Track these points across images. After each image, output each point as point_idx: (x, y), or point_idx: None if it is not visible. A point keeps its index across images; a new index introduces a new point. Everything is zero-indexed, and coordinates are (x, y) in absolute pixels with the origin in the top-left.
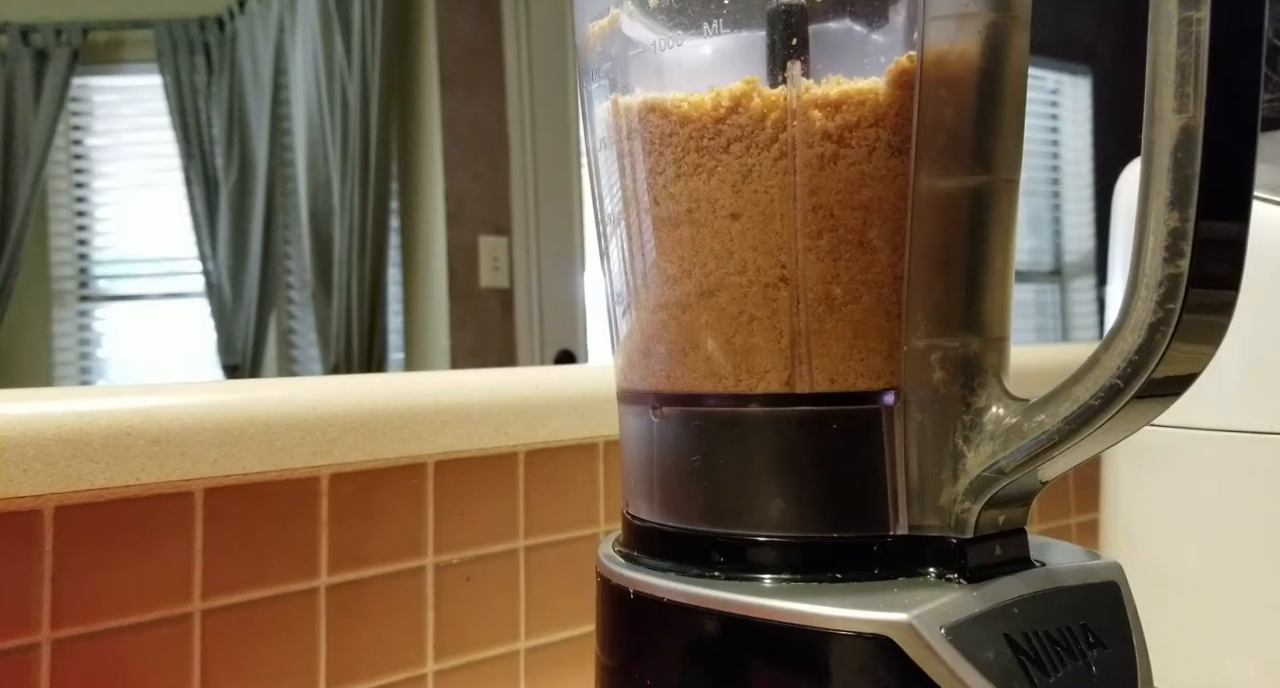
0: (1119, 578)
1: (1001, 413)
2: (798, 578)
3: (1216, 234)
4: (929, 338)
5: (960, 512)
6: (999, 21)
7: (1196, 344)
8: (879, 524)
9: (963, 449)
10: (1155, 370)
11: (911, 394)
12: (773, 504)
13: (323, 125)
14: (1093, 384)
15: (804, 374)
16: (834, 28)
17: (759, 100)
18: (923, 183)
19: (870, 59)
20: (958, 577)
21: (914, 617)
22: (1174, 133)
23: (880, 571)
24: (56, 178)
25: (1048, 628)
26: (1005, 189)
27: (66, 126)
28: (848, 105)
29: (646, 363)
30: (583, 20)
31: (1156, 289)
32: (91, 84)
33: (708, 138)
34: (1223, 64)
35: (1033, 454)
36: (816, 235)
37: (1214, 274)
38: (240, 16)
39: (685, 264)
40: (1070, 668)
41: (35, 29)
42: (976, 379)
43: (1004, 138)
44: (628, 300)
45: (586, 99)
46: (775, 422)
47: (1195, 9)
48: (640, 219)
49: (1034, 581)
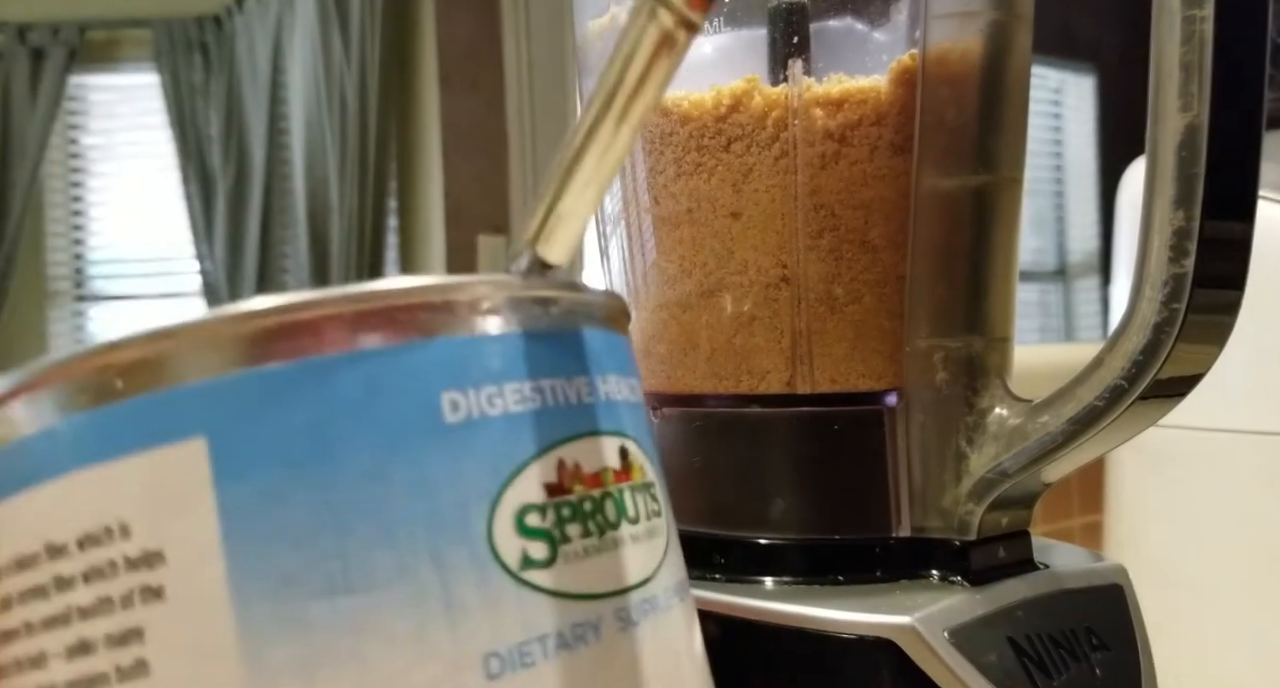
0: (1123, 580)
1: (1005, 414)
2: (799, 580)
3: (1221, 233)
4: (931, 338)
5: (963, 514)
6: (1001, 20)
7: (1201, 344)
8: (881, 526)
9: (966, 450)
10: (1160, 371)
11: (914, 395)
12: (774, 506)
13: (321, 124)
14: (1097, 385)
15: (805, 375)
16: (835, 26)
17: (760, 99)
18: (925, 182)
19: (872, 57)
20: (960, 579)
21: (917, 619)
22: (1178, 132)
23: (882, 573)
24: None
25: (1051, 631)
26: (1008, 188)
27: (63, 125)
28: (849, 104)
29: (646, 363)
30: (582, 19)
31: (1161, 289)
32: (88, 83)
33: (708, 137)
34: (1227, 63)
35: (1036, 456)
36: (818, 235)
37: (1219, 274)
38: (238, 15)
39: (685, 264)
40: (1074, 671)
41: (32, 27)
42: (979, 380)
43: (1007, 136)
44: (628, 300)
45: (586, 98)
46: (776, 423)
47: (1199, 8)
48: (640, 218)
49: (1037, 583)
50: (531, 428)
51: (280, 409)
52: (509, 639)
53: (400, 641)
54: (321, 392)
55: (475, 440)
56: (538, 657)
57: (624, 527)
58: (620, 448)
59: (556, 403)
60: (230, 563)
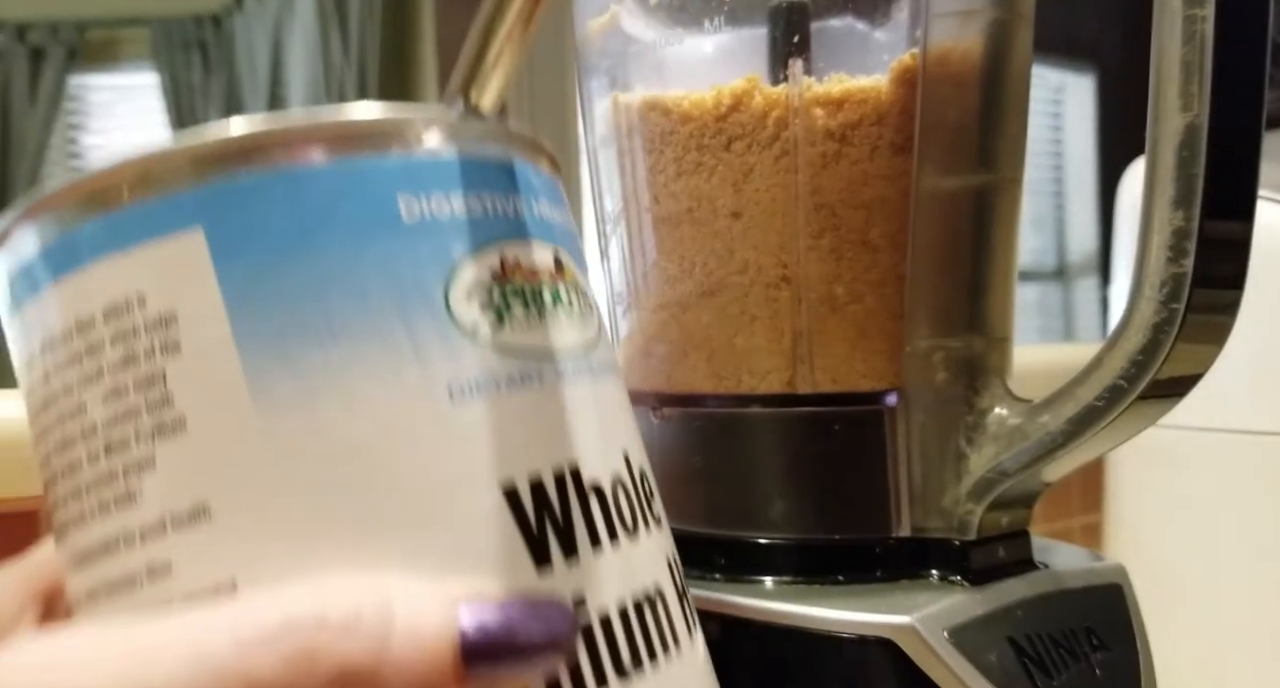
0: (1122, 580)
1: (1005, 414)
2: (799, 580)
3: (1221, 233)
4: (932, 338)
5: (963, 513)
6: (1002, 19)
7: (1201, 344)
8: (881, 526)
9: (965, 450)
10: (1159, 371)
11: (914, 395)
12: (774, 506)
13: None
14: (1096, 385)
15: (806, 375)
16: (836, 25)
17: (760, 98)
18: (925, 182)
19: (872, 57)
20: (960, 579)
21: (917, 619)
22: (1178, 132)
23: (882, 573)
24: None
25: (1051, 630)
26: (1008, 188)
27: (63, 125)
28: (850, 103)
29: (647, 363)
30: (583, 18)
31: (1160, 289)
32: (88, 83)
33: (709, 136)
34: (1227, 63)
35: (1036, 456)
36: (818, 235)
37: (1218, 274)
38: (237, 15)
39: (686, 263)
40: (1073, 670)
41: (31, 27)
42: (979, 380)
43: (1007, 136)
44: (628, 300)
45: (586, 97)
46: (777, 423)
47: (1200, 7)
48: (640, 218)
49: (1037, 583)
50: (476, 227)
51: (263, 207)
52: (466, 377)
53: (379, 376)
54: (296, 193)
55: (429, 235)
56: (490, 390)
57: (560, 311)
58: (555, 255)
59: (496, 212)
60: (233, 321)
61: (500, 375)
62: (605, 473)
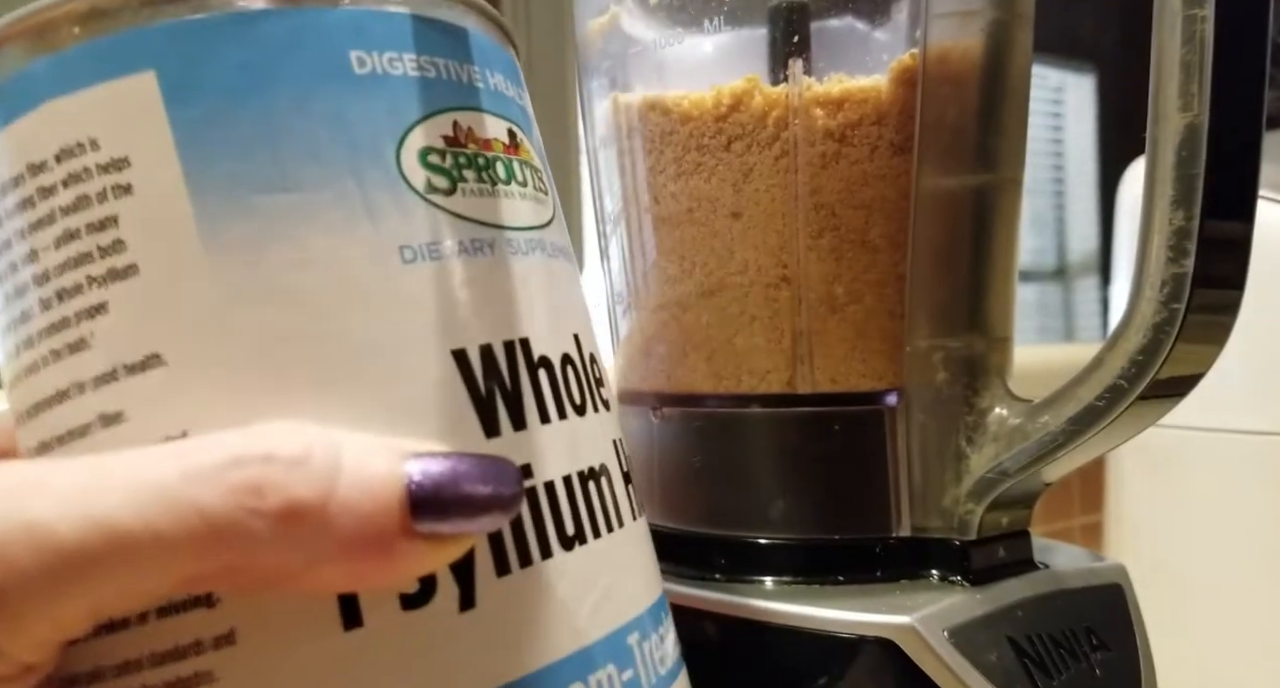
0: (1123, 580)
1: (1005, 414)
2: (799, 580)
3: (1221, 233)
4: (932, 338)
5: (963, 513)
6: (1002, 19)
7: (1201, 344)
8: (881, 526)
9: (966, 450)
10: (1160, 371)
11: (914, 395)
12: (774, 506)
13: None
14: (1097, 385)
15: (806, 375)
16: (836, 25)
17: (760, 98)
18: (925, 182)
19: (872, 57)
20: (960, 579)
21: (917, 619)
22: (1178, 131)
23: (882, 573)
24: None
25: (1051, 631)
26: (1008, 188)
27: None
28: (850, 103)
29: (647, 363)
30: (583, 18)
31: (1161, 289)
32: None
33: (708, 136)
34: (1227, 63)
35: (1036, 456)
36: (818, 235)
37: (1218, 274)
38: None
39: (686, 264)
40: (1074, 671)
41: None
42: (980, 380)
43: (1007, 136)
44: (628, 300)
45: (586, 97)
46: (777, 423)
47: (1200, 7)
48: (640, 218)
49: (1037, 583)
50: (428, 90)
51: (215, 50)
52: (419, 239)
53: (330, 228)
54: (250, 37)
55: (380, 90)
56: (443, 254)
57: (514, 186)
58: (509, 130)
59: (449, 78)
60: (185, 166)
61: (452, 240)
62: (554, 350)
